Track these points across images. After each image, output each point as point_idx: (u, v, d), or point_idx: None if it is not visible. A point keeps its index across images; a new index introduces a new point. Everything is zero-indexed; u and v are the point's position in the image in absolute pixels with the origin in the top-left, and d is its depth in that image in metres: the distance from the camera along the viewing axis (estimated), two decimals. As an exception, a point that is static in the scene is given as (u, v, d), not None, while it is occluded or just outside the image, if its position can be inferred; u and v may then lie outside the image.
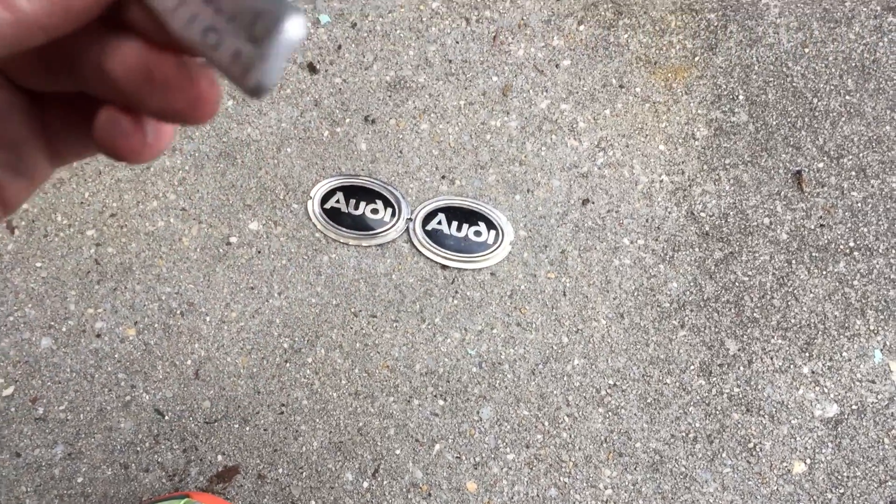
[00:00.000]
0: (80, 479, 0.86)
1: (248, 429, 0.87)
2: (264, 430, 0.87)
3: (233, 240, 0.93)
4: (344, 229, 0.92)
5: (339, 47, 0.98)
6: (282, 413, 0.87)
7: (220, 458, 0.87)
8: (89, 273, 0.91)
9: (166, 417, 0.88)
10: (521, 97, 0.96)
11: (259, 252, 0.92)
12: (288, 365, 0.89)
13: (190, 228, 0.93)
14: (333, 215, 0.93)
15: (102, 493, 0.85)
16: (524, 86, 0.97)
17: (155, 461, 0.86)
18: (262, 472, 0.86)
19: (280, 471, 0.86)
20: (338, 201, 0.93)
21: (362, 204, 0.93)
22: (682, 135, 0.94)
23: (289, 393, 0.88)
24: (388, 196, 0.93)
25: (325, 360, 0.89)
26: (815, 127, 0.94)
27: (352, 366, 0.88)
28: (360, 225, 0.92)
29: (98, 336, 0.90)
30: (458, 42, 0.98)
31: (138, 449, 0.87)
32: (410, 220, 0.92)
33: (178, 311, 0.91)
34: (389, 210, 0.92)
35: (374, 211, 0.93)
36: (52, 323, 0.90)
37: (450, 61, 0.98)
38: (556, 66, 0.97)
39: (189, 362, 0.89)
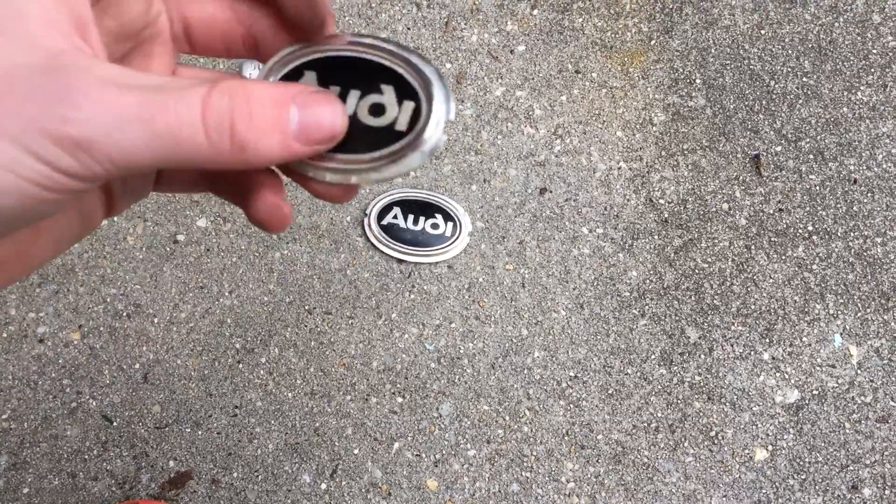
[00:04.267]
0: (25, 490, 0.83)
1: (200, 433, 0.84)
2: (217, 433, 0.84)
3: (180, 237, 0.89)
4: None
5: (287, 36, 0.95)
6: (235, 415, 0.85)
7: (171, 463, 0.84)
8: (30, 275, 0.87)
9: (115, 423, 0.84)
10: (475, 84, 0.94)
11: (208, 250, 0.89)
12: (241, 366, 0.86)
13: (135, 227, 0.89)
14: (285, 210, 0.89)
15: (50, 504, 0.82)
16: (478, 73, 0.94)
17: (104, 469, 0.83)
18: (217, 476, 0.83)
19: (235, 475, 0.83)
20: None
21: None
22: (640, 120, 0.93)
23: (242, 394, 0.85)
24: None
25: (279, 359, 0.86)
26: (773, 110, 0.93)
27: (307, 364, 0.86)
28: (312, 219, 0.89)
29: (41, 341, 0.86)
30: (409, 28, 0.95)
31: (86, 457, 0.84)
32: (366, 215, 0.90)
33: (125, 313, 0.87)
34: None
35: (327, 204, 0.90)
36: (-8, 329, 0.86)
37: (402, 48, 0.95)
38: (511, 51, 0.95)
39: (137, 366, 0.86)
